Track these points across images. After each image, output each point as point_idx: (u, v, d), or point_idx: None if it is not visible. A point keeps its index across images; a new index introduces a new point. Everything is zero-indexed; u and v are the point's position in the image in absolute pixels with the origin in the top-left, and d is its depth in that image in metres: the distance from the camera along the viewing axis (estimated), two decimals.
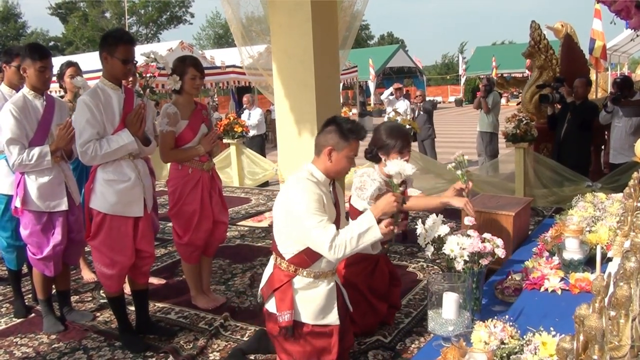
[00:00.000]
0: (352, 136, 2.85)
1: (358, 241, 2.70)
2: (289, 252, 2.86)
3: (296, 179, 2.87)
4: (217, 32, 55.84)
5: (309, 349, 2.87)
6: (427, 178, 8.42)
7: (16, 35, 45.79)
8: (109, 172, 3.43)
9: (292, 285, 2.86)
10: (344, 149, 2.85)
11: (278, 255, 2.92)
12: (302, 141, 5.28)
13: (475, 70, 36.32)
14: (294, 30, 5.11)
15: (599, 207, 4.10)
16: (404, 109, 10.61)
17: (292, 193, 2.80)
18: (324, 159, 2.87)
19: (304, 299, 2.88)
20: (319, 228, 2.68)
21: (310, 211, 2.70)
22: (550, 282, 3.06)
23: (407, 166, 2.85)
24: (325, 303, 2.89)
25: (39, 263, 3.79)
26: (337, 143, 2.84)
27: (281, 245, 2.90)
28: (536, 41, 8.36)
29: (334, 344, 2.87)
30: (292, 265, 2.86)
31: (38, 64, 3.65)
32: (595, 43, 11.58)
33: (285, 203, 2.84)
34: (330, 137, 2.85)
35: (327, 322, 2.89)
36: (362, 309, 3.49)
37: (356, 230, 2.69)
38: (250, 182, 9.74)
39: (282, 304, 2.85)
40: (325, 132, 2.90)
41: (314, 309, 2.87)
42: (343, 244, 2.67)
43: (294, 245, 2.84)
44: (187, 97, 4.04)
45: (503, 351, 2.13)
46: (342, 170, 2.93)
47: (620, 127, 6.86)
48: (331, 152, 2.85)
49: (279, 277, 2.90)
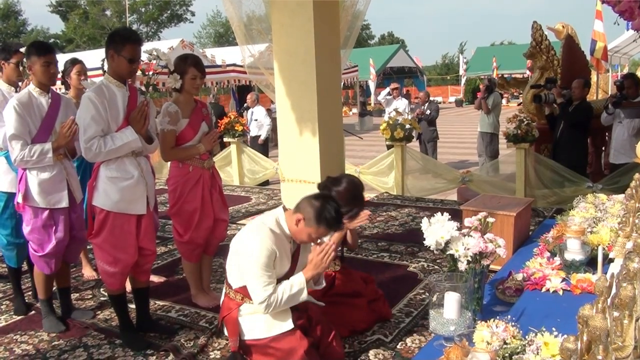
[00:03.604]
0: (324, 224, 2.90)
1: (289, 302, 2.90)
2: (236, 283, 3.02)
3: (259, 226, 2.96)
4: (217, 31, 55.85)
5: (279, 354, 2.95)
6: (427, 178, 8.43)
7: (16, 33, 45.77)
8: (112, 169, 3.43)
9: (238, 312, 3.02)
10: (310, 227, 2.91)
11: (227, 285, 3.10)
12: (303, 140, 5.27)
13: (476, 70, 36.33)
14: (296, 29, 5.11)
15: (600, 208, 4.11)
16: (402, 108, 10.61)
17: (250, 242, 2.90)
18: (294, 220, 2.94)
19: (250, 320, 3.00)
20: (259, 285, 2.85)
21: (257, 267, 2.84)
22: (552, 283, 3.07)
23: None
24: (275, 318, 2.97)
25: (39, 260, 3.78)
26: (310, 219, 2.90)
27: (230, 275, 3.08)
28: (538, 42, 8.36)
29: (298, 336, 2.94)
30: (238, 294, 3.03)
31: (43, 59, 3.66)
32: (596, 44, 11.58)
33: (241, 245, 2.96)
34: (308, 211, 2.91)
35: (282, 331, 2.95)
36: (342, 310, 3.53)
37: (287, 292, 2.88)
38: (249, 181, 9.74)
39: (230, 330, 3.03)
40: (311, 201, 2.95)
41: (263, 325, 2.98)
42: (274, 303, 2.84)
43: (240, 279, 2.98)
44: (188, 95, 4.04)
45: (505, 351, 2.13)
46: (300, 239, 3.02)
47: (621, 128, 6.86)
48: (300, 221, 2.92)
49: (227, 306, 3.08)
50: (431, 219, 3.04)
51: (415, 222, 6.49)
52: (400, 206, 7.38)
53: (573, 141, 7.12)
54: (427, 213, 6.74)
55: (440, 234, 2.92)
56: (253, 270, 2.84)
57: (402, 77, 34.53)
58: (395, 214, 6.93)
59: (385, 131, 8.20)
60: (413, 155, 8.43)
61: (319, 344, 3.09)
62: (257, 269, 2.82)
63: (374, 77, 29.62)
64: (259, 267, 2.82)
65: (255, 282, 2.84)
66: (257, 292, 2.84)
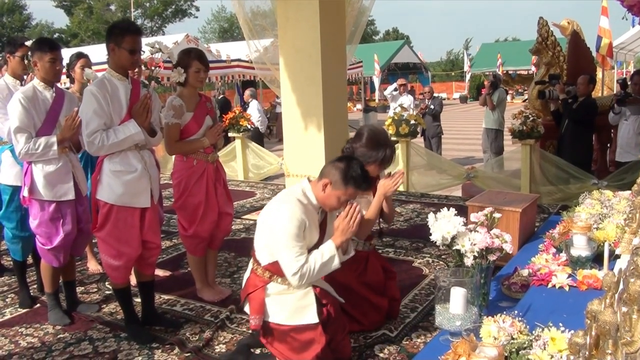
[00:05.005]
0: (352, 184, 2.89)
1: (321, 270, 2.86)
2: (265, 259, 2.96)
3: (287, 197, 2.94)
4: (222, 26, 55.79)
5: (296, 344, 2.92)
6: (432, 174, 8.41)
7: (21, 28, 45.77)
8: (115, 162, 3.43)
9: (265, 291, 2.96)
10: (338, 190, 2.89)
11: (255, 261, 3.03)
12: (308, 135, 5.27)
13: (480, 67, 36.21)
14: (302, 23, 5.10)
15: (606, 205, 4.10)
16: (407, 104, 10.59)
17: (279, 213, 2.87)
18: (320, 187, 2.93)
19: (277, 303, 2.95)
20: (291, 256, 2.80)
21: (288, 238, 2.79)
22: (558, 279, 3.06)
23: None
24: (300, 305, 2.94)
25: (47, 254, 3.79)
26: (336, 181, 2.89)
27: (259, 252, 3.00)
28: (544, 38, 8.32)
29: (319, 332, 2.90)
30: (267, 272, 2.96)
31: (48, 56, 3.67)
32: (602, 40, 11.52)
33: (270, 218, 2.92)
34: (333, 173, 2.90)
35: (305, 322, 2.92)
36: (363, 308, 3.49)
37: (319, 260, 2.84)
38: (253, 176, 9.73)
39: (253, 308, 2.96)
40: (334, 164, 2.95)
41: (289, 310, 2.94)
42: (307, 273, 2.80)
43: (270, 255, 2.93)
44: (192, 89, 4.04)
45: (512, 346, 2.13)
46: (329, 205, 2.98)
47: (627, 125, 6.82)
48: (327, 185, 2.90)
49: (253, 282, 3.01)
50: (437, 214, 3.03)
51: (420, 217, 6.49)
52: (405, 202, 7.38)
53: (577, 138, 7.09)
54: (432, 209, 6.74)
55: (446, 229, 2.91)
56: (284, 241, 2.79)
57: (407, 73, 34.43)
58: (400, 209, 6.92)
59: (390, 127, 8.18)
60: (418, 151, 8.41)
61: (331, 340, 3.07)
62: (289, 240, 2.78)
63: (378, 73, 29.55)
64: (290, 238, 2.78)
65: (287, 254, 2.79)
66: (290, 264, 2.79)
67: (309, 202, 2.94)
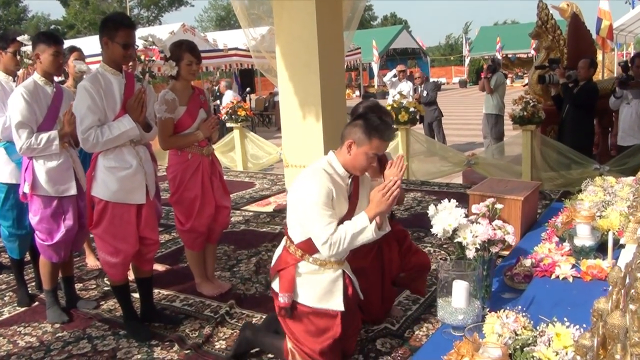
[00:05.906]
0: (375, 134, 2.78)
1: (352, 241, 2.76)
2: (297, 237, 2.88)
3: (313, 169, 2.87)
4: (219, 14, 55.50)
5: (312, 328, 2.87)
6: (433, 160, 8.35)
7: (17, 20, 45.55)
8: (110, 159, 3.38)
9: (296, 269, 2.89)
10: (363, 146, 2.79)
11: (288, 238, 2.95)
12: (306, 124, 5.21)
13: (480, 50, 35.98)
14: (298, 10, 5.02)
15: (609, 192, 4.04)
16: (407, 91, 10.50)
17: (306, 184, 2.80)
18: (345, 151, 2.84)
19: (307, 283, 2.89)
20: (320, 225, 2.72)
21: (316, 206, 2.72)
22: (562, 270, 3.02)
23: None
24: (328, 289, 2.88)
25: (48, 249, 3.76)
26: (359, 137, 2.79)
27: (291, 230, 2.93)
28: (543, 21, 8.22)
29: (337, 323, 2.85)
30: (299, 250, 2.88)
31: (52, 49, 3.64)
32: (602, 23, 11.42)
33: (298, 191, 2.84)
34: (354, 131, 2.81)
35: (330, 307, 2.87)
36: (371, 299, 3.42)
37: (350, 230, 2.75)
38: (252, 166, 9.66)
39: (283, 285, 2.89)
40: (352, 124, 2.86)
41: (317, 293, 2.87)
42: (337, 242, 2.72)
43: (302, 233, 2.85)
44: (184, 82, 3.97)
45: (516, 343, 2.08)
46: (358, 166, 2.86)
47: (629, 109, 6.74)
48: (351, 146, 2.81)
49: (285, 259, 2.94)
50: (438, 205, 2.97)
51: (421, 206, 6.43)
52: (405, 190, 7.29)
53: (578, 122, 7.02)
54: (432, 197, 6.71)
55: (447, 222, 2.86)
56: (313, 210, 2.73)
57: (406, 59, 34.21)
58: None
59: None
60: (418, 138, 8.34)
61: (343, 333, 3.01)
62: (317, 208, 2.71)
63: (377, 59, 29.40)
64: (318, 206, 2.71)
65: (316, 223, 2.72)
66: (319, 233, 2.72)
67: (335, 172, 2.86)
